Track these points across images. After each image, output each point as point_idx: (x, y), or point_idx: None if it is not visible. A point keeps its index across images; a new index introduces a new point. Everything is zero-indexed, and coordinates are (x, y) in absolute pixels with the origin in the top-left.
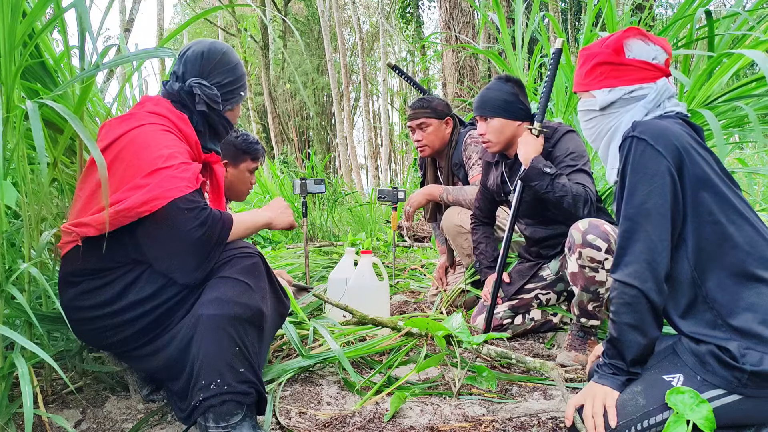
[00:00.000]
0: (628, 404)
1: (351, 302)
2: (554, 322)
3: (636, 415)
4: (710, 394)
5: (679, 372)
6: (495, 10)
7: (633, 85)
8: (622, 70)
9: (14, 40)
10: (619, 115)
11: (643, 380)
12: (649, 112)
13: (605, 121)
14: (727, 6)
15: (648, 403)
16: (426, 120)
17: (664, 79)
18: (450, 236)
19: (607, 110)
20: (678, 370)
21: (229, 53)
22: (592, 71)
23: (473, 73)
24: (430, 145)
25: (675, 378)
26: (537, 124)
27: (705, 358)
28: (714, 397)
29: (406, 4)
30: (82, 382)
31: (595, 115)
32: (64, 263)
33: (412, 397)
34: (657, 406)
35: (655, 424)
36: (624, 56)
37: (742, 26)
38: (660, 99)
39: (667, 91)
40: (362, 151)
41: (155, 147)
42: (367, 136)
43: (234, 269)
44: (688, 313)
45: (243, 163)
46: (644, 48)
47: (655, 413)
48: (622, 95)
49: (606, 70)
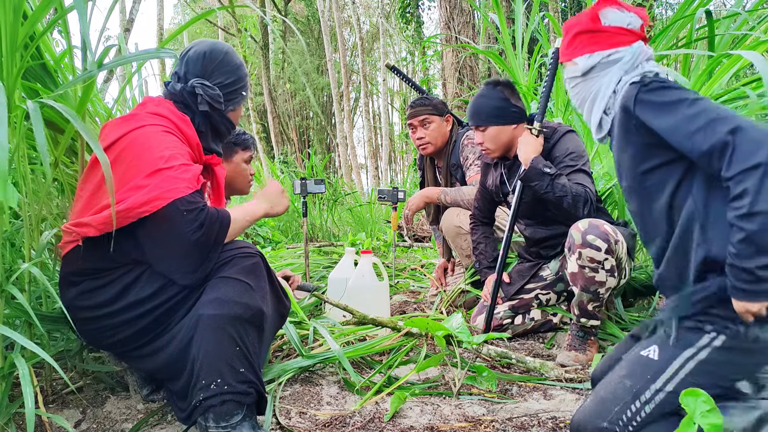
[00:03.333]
0: (617, 390)
1: (351, 302)
2: (554, 322)
3: (627, 398)
4: (686, 353)
5: (653, 343)
6: (495, 11)
7: (610, 49)
8: (600, 36)
9: (16, 41)
10: (599, 79)
11: (626, 362)
12: (627, 72)
13: (588, 85)
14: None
15: (634, 383)
16: (428, 116)
17: (639, 42)
18: (449, 237)
19: (589, 75)
20: (652, 341)
21: (231, 54)
22: (572, 41)
23: (473, 73)
24: (433, 142)
25: (650, 350)
26: (536, 123)
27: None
28: (690, 357)
29: (406, 4)
30: (82, 382)
31: (579, 81)
32: (65, 263)
33: (412, 397)
34: (642, 384)
35: (646, 401)
36: (600, 23)
37: (742, 26)
38: (636, 61)
39: (643, 53)
40: (362, 151)
41: (156, 148)
42: (367, 136)
43: (234, 269)
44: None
45: (236, 156)
46: (619, 15)
47: (644, 390)
48: (600, 59)
49: (585, 38)
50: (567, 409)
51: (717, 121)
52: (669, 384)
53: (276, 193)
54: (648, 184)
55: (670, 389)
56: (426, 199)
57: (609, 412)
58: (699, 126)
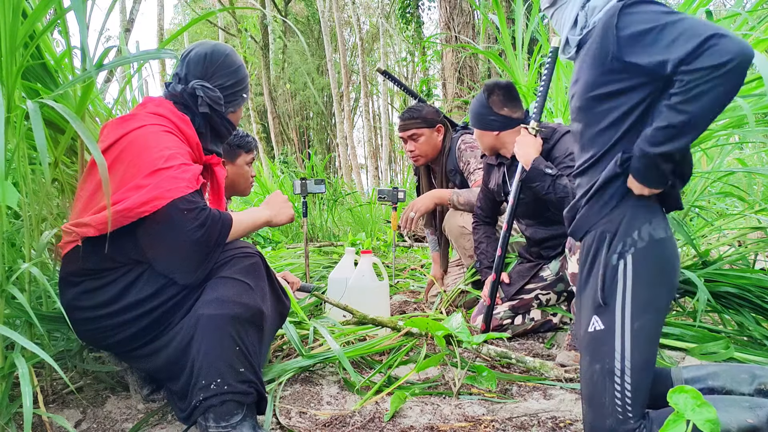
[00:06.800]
0: (594, 381)
1: (351, 302)
2: (554, 322)
3: (606, 383)
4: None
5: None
6: (495, 11)
7: None
8: None
9: (15, 41)
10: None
11: (582, 348)
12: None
13: (561, 10)
14: (727, 6)
15: (601, 363)
16: (417, 130)
17: None
18: (453, 237)
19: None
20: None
21: (232, 55)
22: None
23: (473, 73)
24: (423, 155)
25: (593, 323)
26: (534, 123)
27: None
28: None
29: (406, 4)
30: (82, 381)
31: (552, 10)
32: (65, 263)
33: (412, 396)
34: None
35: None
36: None
37: (741, 26)
38: None
39: None
40: (362, 151)
41: (156, 148)
42: (367, 136)
43: (234, 269)
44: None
45: (239, 158)
46: None
47: (612, 363)
48: None
49: None
50: (566, 408)
51: (699, 26)
52: (626, 341)
53: (279, 202)
54: (598, 110)
55: (630, 346)
56: (437, 201)
57: (602, 406)
58: (680, 32)
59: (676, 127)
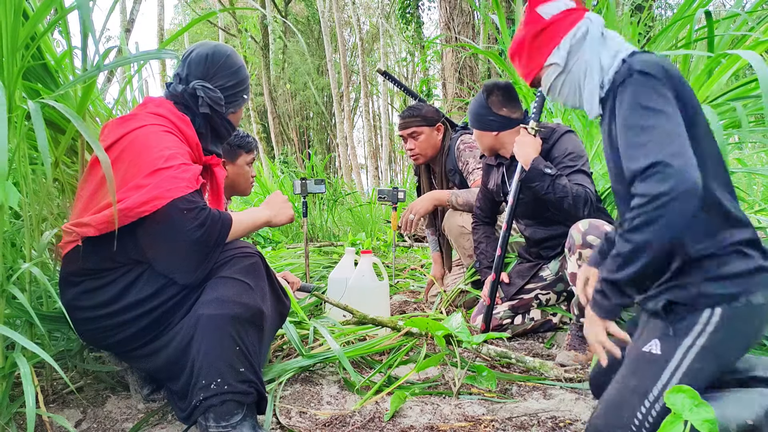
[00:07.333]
0: (623, 393)
1: (351, 302)
2: (554, 322)
3: (634, 401)
4: (687, 340)
5: (653, 338)
6: (495, 11)
7: (570, 30)
8: (552, 28)
9: (17, 41)
10: (580, 58)
11: (628, 360)
12: (602, 45)
13: (574, 72)
14: (727, 7)
15: (639, 382)
16: (417, 129)
17: (588, 13)
18: (453, 237)
19: (569, 62)
20: (652, 335)
21: (233, 56)
22: (532, 52)
23: (473, 73)
24: (423, 154)
25: (652, 345)
26: (533, 123)
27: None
28: (691, 344)
29: (406, 4)
30: (82, 381)
31: (564, 76)
32: (65, 263)
33: (412, 396)
34: (648, 382)
35: (655, 399)
36: (545, 19)
37: (741, 27)
38: (600, 28)
39: (598, 21)
40: (362, 151)
41: (156, 147)
42: (367, 136)
43: (234, 269)
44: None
45: (239, 158)
46: (554, 4)
47: (650, 389)
48: (570, 43)
49: (542, 38)
50: (566, 408)
51: (663, 141)
52: (674, 377)
53: (279, 202)
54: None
55: (675, 382)
56: (435, 202)
57: (620, 417)
58: (644, 143)
59: (622, 255)
